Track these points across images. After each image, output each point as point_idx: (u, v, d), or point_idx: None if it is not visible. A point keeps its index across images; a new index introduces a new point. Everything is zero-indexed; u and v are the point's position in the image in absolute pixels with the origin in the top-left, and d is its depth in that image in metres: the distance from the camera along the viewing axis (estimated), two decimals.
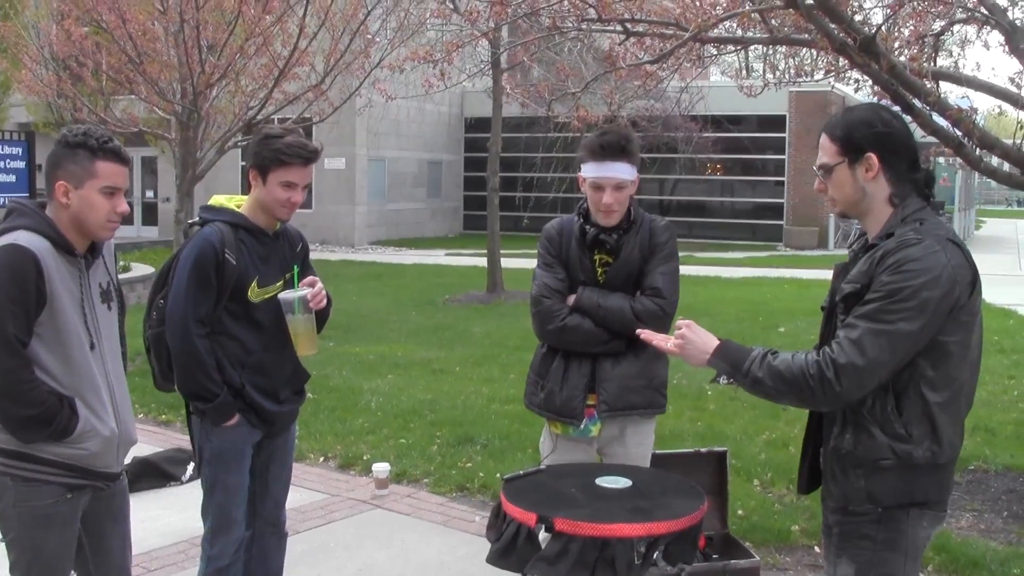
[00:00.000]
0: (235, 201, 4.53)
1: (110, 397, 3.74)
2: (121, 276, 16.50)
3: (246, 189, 4.52)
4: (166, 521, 6.70)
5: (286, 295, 4.41)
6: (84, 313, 3.64)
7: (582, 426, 4.63)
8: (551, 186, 32.40)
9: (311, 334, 4.50)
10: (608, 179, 4.47)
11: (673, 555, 3.57)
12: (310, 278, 4.52)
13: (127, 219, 3.74)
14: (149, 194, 33.96)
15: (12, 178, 15.04)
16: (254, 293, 4.39)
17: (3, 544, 3.69)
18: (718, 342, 3.29)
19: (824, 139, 3.27)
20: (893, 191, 3.20)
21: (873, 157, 3.18)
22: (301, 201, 4.44)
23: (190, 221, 4.64)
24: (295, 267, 4.53)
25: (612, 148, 4.47)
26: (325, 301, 4.54)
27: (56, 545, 3.66)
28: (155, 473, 7.42)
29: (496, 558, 3.69)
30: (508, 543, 3.60)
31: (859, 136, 3.19)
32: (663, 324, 4.42)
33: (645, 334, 3.60)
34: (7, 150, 15.03)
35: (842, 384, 3.03)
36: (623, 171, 4.49)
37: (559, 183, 32.71)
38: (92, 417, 3.63)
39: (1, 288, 3.42)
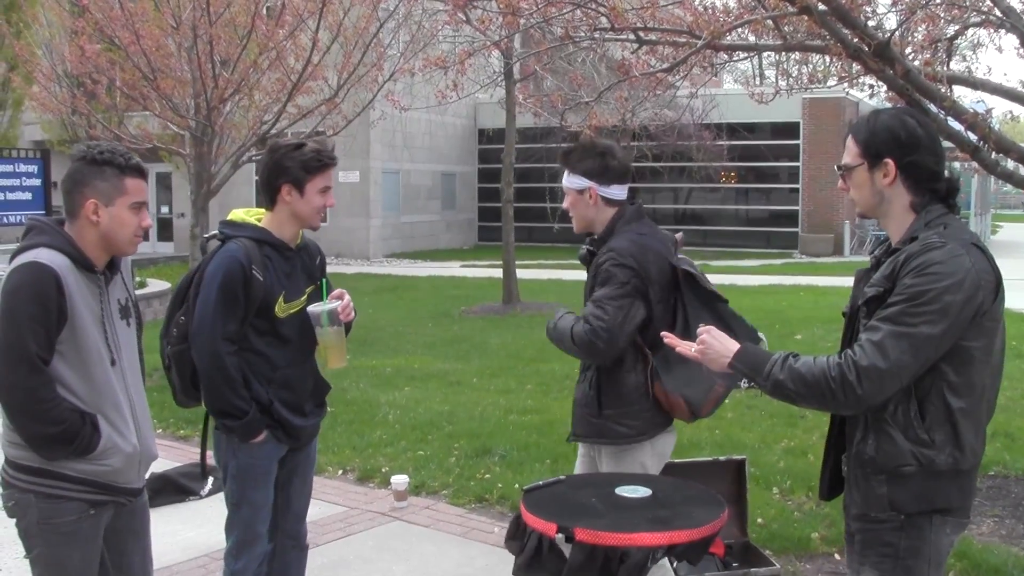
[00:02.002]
0: (254, 215, 4.51)
1: (131, 413, 3.75)
2: (137, 292, 16.57)
3: (260, 204, 4.51)
4: (186, 536, 6.70)
5: (315, 308, 4.40)
6: (104, 329, 3.65)
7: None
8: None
9: (341, 346, 4.50)
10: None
11: (680, 555, 3.57)
12: (338, 291, 4.51)
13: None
14: (164, 210, 34.09)
15: (28, 196, 15.12)
16: (281, 309, 4.38)
17: (27, 560, 3.70)
18: (739, 346, 3.29)
19: (849, 139, 3.28)
20: (914, 198, 3.19)
21: (891, 164, 3.17)
22: (333, 204, 4.51)
23: (206, 235, 4.63)
24: (324, 280, 4.54)
25: (560, 158, 4.61)
26: (354, 313, 4.55)
27: (80, 561, 3.67)
28: (174, 488, 7.43)
29: (523, 572, 3.68)
30: (532, 556, 3.59)
31: (879, 141, 3.19)
32: (597, 352, 4.35)
33: (670, 339, 3.58)
34: (23, 168, 15.12)
35: (863, 387, 3.02)
36: (565, 179, 4.57)
37: None
38: (114, 434, 3.64)
39: (22, 306, 3.42)
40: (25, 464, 3.57)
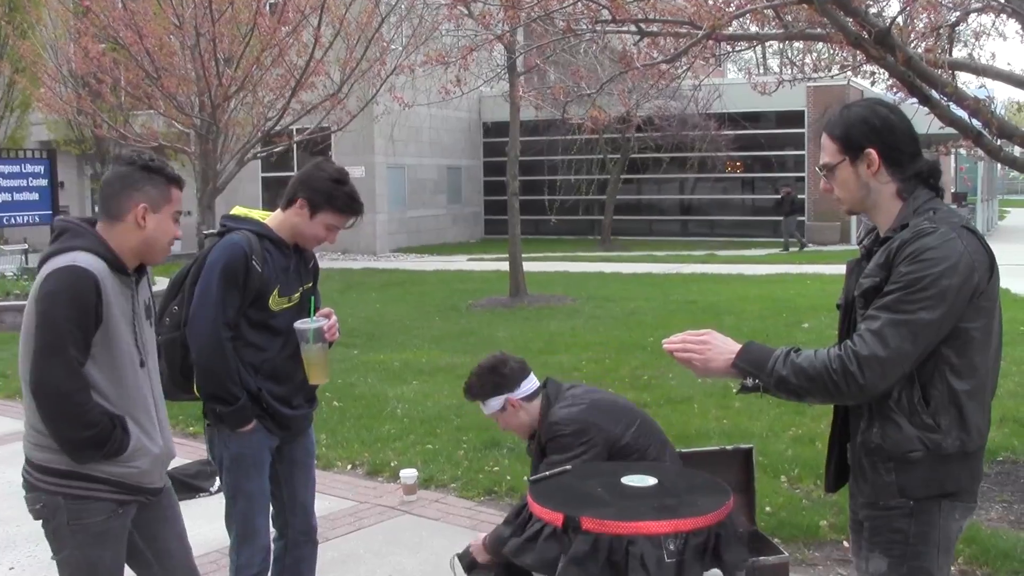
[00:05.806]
0: (256, 214, 4.57)
1: (156, 414, 3.77)
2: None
3: (267, 202, 4.54)
4: (198, 531, 6.66)
5: (302, 325, 4.45)
6: (135, 331, 3.67)
7: None
8: (574, 189, 32.46)
9: (324, 364, 4.55)
10: None
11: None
12: (326, 309, 4.59)
13: None
14: None
15: (35, 196, 15.15)
16: (274, 302, 4.43)
17: (54, 561, 3.70)
18: (740, 345, 3.28)
19: (824, 138, 3.30)
20: (899, 185, 3.21)
21: (873, 153, 3.19)
22: (334, 242, 4.59)
23: (207, 232, 4.67)
24: (312, 298, 4.60)
25: (466, 396, 5.32)
26: (338, 335, 4.61)
27: (111, 560, 3.69)
28: (183, 486, 7.44)
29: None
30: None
31: (857, 133, 3.21)
32: None
33: (670, 345, 3.47)
34: (29, 168, 15.15)
35: (866, 376, 3.03)
36: (485, 409, 5.31)
37: (587, 185, 32.72)
38: (143, 435, 3.65)
39: (63, 310, 3.42)
40: (53, 467, 3.56)
